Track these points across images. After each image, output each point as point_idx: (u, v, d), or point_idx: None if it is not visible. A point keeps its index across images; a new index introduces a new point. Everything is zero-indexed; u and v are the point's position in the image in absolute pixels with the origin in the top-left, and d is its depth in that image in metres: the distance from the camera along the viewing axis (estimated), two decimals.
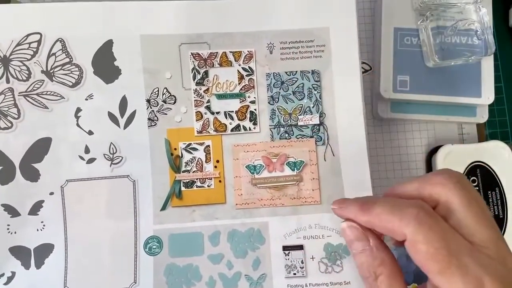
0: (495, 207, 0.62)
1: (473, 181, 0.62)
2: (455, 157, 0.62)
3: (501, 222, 0.62)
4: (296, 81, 0.52)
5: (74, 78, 0.50)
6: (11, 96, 0.50)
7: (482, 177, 0.62)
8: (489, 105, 0.64)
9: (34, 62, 0.50)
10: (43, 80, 0.50)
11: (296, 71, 0.52)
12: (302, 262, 0.50)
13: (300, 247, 0.50)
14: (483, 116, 0.65)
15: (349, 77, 0.52)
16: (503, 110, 0.68)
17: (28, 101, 0.50)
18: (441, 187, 0.37)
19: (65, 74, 0.50)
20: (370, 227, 0.40)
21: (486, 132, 0.67)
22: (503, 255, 0.35)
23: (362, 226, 0.41)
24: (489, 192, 0.62)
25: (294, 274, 0.50)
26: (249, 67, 0.52)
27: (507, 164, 0.63)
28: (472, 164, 0.62)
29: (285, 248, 0.50)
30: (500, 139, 0.65)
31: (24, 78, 0.50)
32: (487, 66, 0.64)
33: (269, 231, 0.50)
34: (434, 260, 0.34)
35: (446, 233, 0.35)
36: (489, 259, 0.34)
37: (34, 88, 0.50)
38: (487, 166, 0.62)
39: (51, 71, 0.50)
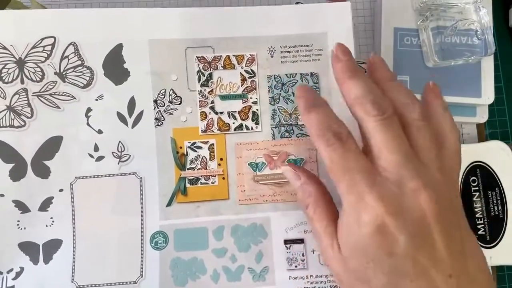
0: (495, 207, 0.67)
1: (473, 181, 0.67)
2: None
3: (501, 222, 0.66)
4: (296, 83, 0.58)
5: (86, 80, 0.56)
6: (25, 96, 0.56)
7: (482, 177, 0.67)
8: (489, 105, 0.69)
9: (48, 64, 0.56)
10: (56, 81, 0.56)
11: (296, 74, 0.58)
12: (303, 255, 0.56)
13: (301, 241, 0.56)
14: (483, 116, 0.70)
15: None
16: (503, 110, 0.73)
17: (41, 101, 0.56)
18: (365, 116, 0.47)
19: (77, 76, 0.56)
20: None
21: (486, 132, 0.72)
22: (400, 179, 0.44)
23: (296, 168, 0.54)
24: (489, 192, 0.67)
25: (296, 266, 0.56)
26: (251, 69, 0.58)
27: (507, 164, 0.67)
28: (472, 164, 0.67)
29: (286, 241, 0.56)
30: (500, 139, 0.69)
31: (38, 79, 0.56)
32: (487, 66, 0.68)
33: (271, 225, 0.56)
34: (332, 174, 0.46)
35: (346, 153, 0.45)
36: (382, 180, 0.44)
37: (47, 89, 0.56)
38: (487, 166, 0.67)
39: (64, 73, 0.56)
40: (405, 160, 0.45)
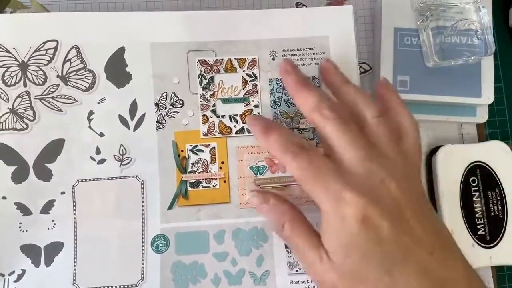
0: (495, 207, 0.68)
1: (473, 181, 0.68)
2: (455, 157, 0.68)
3: (501, 222, 0.67)
4: None
5: (88, 83, 0.57)
6: (28, 99, 0.56)
7: (482, 177, 0.68)
8: (489, 105, 0.70)
9: (50, 67, 0.57)
10: (58, 85, 0.57)
11: None
12: None
13: None
14: (483, 116, 0.71)
15: None
16: (503, 110, 0.74)
17: (43, 104, 0.56)
18: (324, 121, 0.50)
19: (79, 79, 0.57)
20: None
21: (486, 132, 0.73)
22: (368, 172, 0.48)
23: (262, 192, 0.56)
24: (489, 192, 0.68)
25: (297, 270, 0.56)
26: (252, 73, 0.59)
27: (507, 164, 0.68)
28: (472, 164, 0.68)
29: (287, 246, 0.57)
30: (500, 139, 0.70)
31: (41, 82, 0.57)
32: (487, 66, 0.70)
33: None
34: (304, 182, 0.49)
35: (313, 159, 0.49)
36: (352, 174, 0.48)
37: (49, 92, 0.57)
38: (487, 166, 0.68)
39: (66, 76, 0.57)
40: (369, 154, 0.49)
